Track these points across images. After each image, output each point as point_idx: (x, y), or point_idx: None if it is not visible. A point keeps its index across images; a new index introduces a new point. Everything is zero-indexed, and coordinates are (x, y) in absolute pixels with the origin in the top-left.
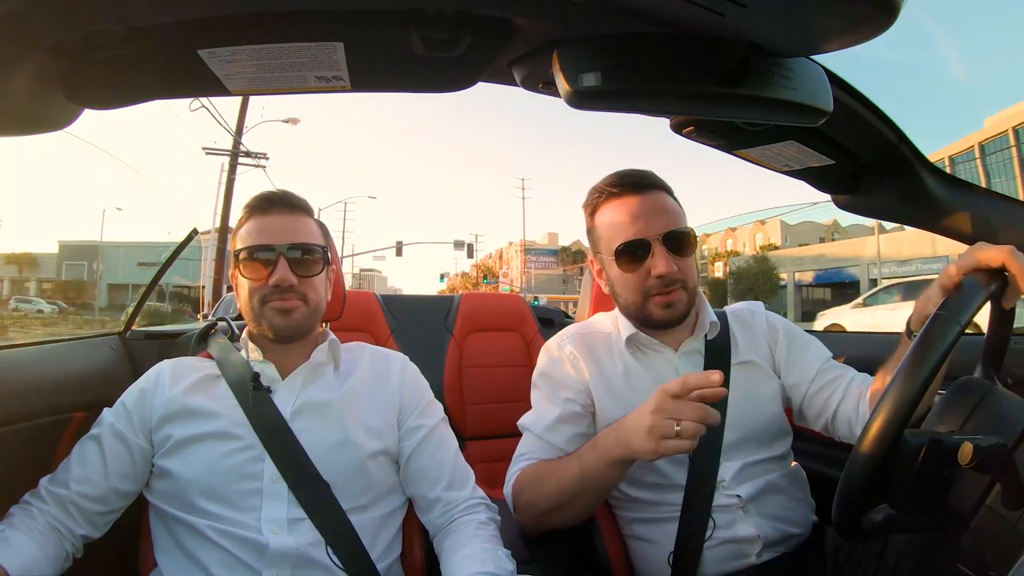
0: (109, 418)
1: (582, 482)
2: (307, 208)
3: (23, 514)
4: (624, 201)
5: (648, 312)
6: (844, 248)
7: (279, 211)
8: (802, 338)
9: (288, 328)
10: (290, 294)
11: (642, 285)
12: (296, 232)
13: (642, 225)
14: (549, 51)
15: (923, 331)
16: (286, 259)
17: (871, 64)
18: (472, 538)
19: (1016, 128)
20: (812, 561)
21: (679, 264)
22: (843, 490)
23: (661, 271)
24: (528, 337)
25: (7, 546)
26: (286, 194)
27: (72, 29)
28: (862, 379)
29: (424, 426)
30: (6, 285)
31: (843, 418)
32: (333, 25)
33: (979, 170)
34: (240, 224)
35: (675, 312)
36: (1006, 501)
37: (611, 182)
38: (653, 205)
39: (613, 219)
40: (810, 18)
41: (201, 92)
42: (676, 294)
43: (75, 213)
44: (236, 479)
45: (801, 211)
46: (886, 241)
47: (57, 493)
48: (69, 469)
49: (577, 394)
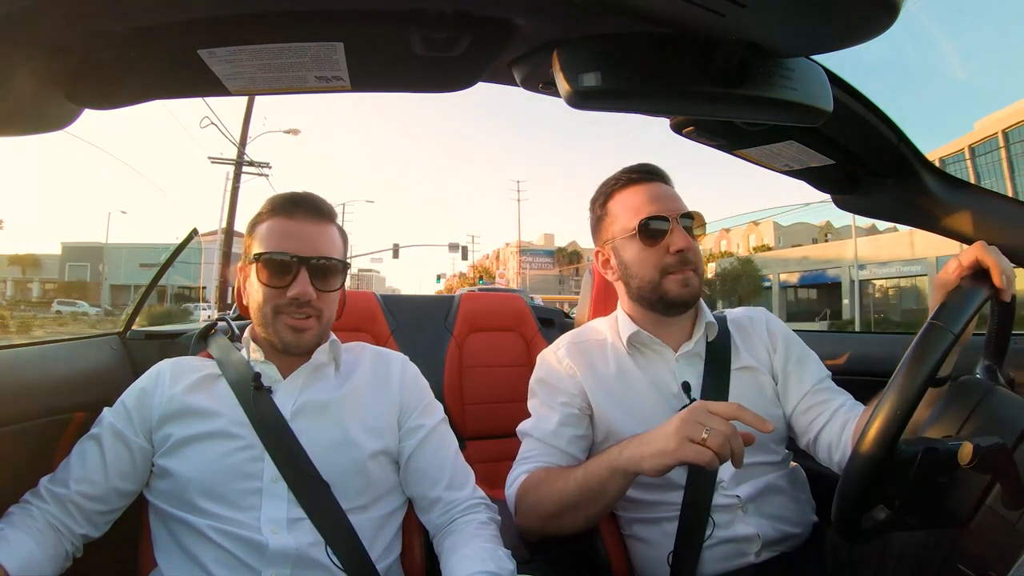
0: (109, 418)
1: (583, 490)
2: (332, 215)
3: (22, 513)
4: (642, 187)
5: (665, 290)
6: (827, 250)
7: (305, 216)
8: (800, 351)
9: (298, 346)
10: (306, 309)
11: (660, 262)
12: (321, 242)
13: (661, 205)
14: (549, 51)
15: (916, 340)
16: (308, 271)
17: (871, 64)
18: (472, 538)
19: (1005, 131)
20: (812, 561)
21: (692, 246)
22: (841, 497)
23: (680, 246)
24: (528, 337)
25: (5, 544)
26: (313, 198)
27: (72, 29)
28: (851, 405)
29: (424, 426)
30: (10, 286)
31: (824, 442)
32: (333, 25)
33: (969, 172)
34: (260, 219)
35: (691, 291)
36: (1006, 501)
37: (628, 170)
38: (667, 192)
39: (632, 202)
40: (810, 18)
41: (201, 92)
42: (690, 273)
43: (79, 215)
44: (236, 478)
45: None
46: (867, 243)
47: (57, 492)
48: (69, 468)
49: (573, 398)
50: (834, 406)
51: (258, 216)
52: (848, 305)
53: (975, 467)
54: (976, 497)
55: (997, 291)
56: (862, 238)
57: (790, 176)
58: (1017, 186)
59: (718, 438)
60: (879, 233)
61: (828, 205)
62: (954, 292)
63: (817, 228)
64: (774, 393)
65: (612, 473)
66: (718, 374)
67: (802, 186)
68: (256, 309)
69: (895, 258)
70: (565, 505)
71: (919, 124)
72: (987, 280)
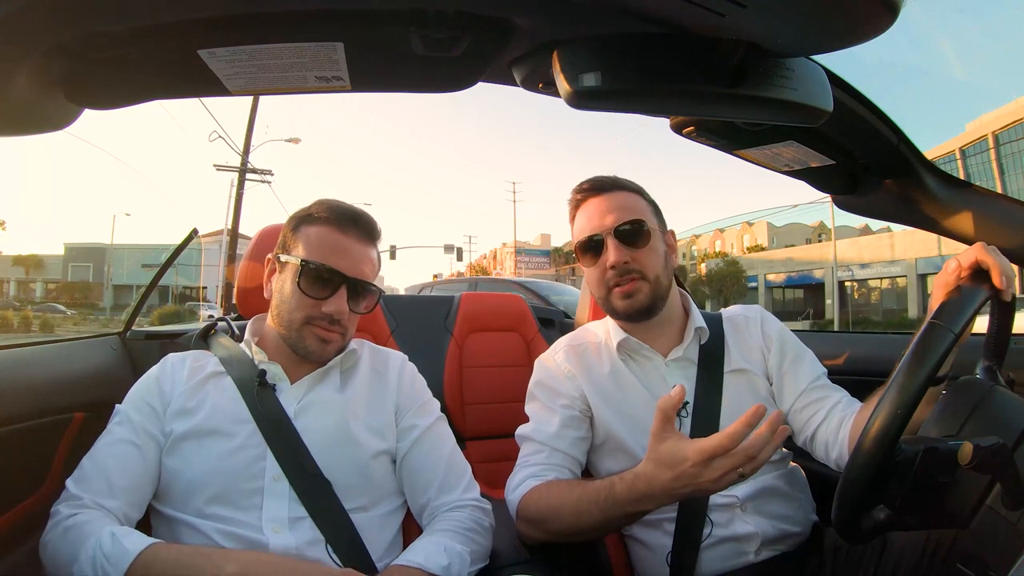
0: (136, 416)
1: (600, 523)
2: (379, 238)
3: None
4: (586, 204)
5: (612, 305)
6: (811, 252)
7: (357, 235)
8: (796, 350)
9: (321, 356)
10: (336, 325)
11: (602, 278)
12: (365, 265)
13: (596, 223)
14: (549, 51)
15: (917, 340)
16: (347, 291)
17: (871, 64)
18: (431, 532)
19: (995, 133)
20: (811, 560)
21: (633, 255)
22: (841, 497)
23: (611, 261)
24: (528, 337)
25: (136, 535)
26: (369, 219)
27: (72, 29)
28: (848, 403)
29: (418, 426)
30: (12, 286)
31: (821, 439)
32: (333, 25)
33: (960, 174)
34: (311, 221)
35: (635, 302)
36: (1006, 501)
37: (576, 190)
38: (608, 204)
39: (578, 223)
40: (810, 18)
41: (201, 92)
42: (634, 284)
43: (82, 216)
44: (238, 477)
45: (788, 213)
46: (849, 245)
47: (110, 505)
48: (110, 477)
49: (573, 400)
50: (830, 403)
51: (308, 216)
52: (831, 305)
53: (975, 467)
54: (976, 497)
55: (997, 291)
56: (844, 240)
57: (790, 176)
58: (1007, 188)
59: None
60: (870, 234)
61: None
62: (954, 292)
63: (810, 228)
64: (768, 394)
65: (631, 516)
66: (711, 378)
67: (798, 186)
68: (285, 311)
69: (877, 259)
70: (575, 528)
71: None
72: (987, 280)
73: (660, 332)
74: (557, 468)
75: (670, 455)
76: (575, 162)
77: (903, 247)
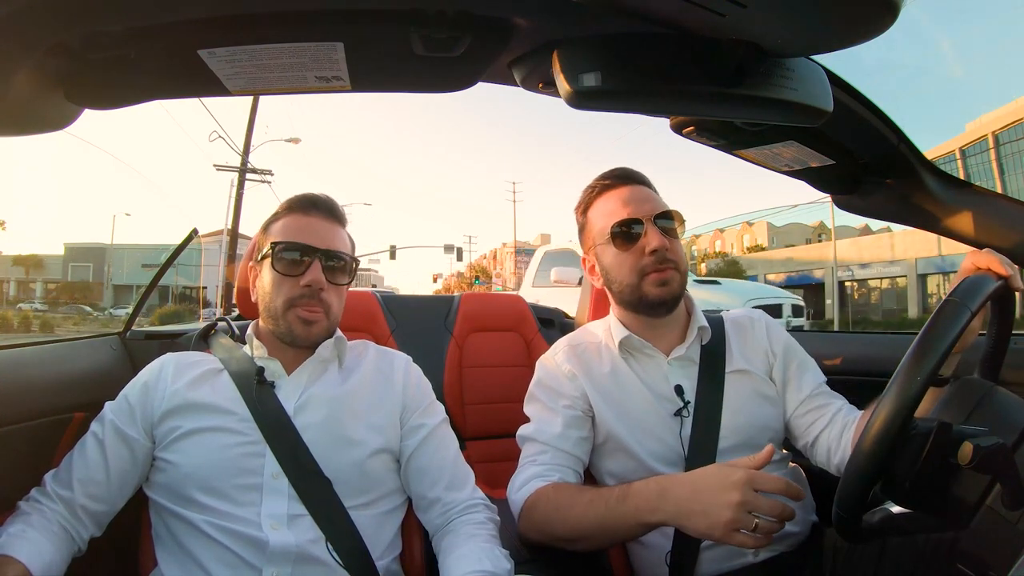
0: (110, 415)
1: (603, 531)
2: (344, 219)
3: (39, 514)
4: (616, 191)
5: (644, 292)
6: (811, 252)
7: (320, 215)
8: (800, 358)
9: (307, 339)
10: (316, 302)
11: (637, 264)
12: (334, 239)
13: (634, 208)
14: (549, 51)
15: (933, 316)
16: (321, 263)
17: (871, 64)
18: (470, 537)
19: (995, 133)
20: (811, 560)
21: (671, 244)
22: (841, 496)
23: (655, 246)
24: (528, 337)
25: (30, 546)
26: (329, 200)
27: (72, 29)
28: (848, 410)
29: (425, 426)
30: (12, 286)
31: (823, 445)
32: (333, 25)
33: (960, 174)
34: (276, 218)
35: (671, 290)
36: (1006, 501)
37: (602, 177)
38: (642, 194)
39: (607, 208)
40: (810, 18)
41: (201, 92)
42: (670, 272)
43: (82, 216)
44: (234, 473)
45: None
46: (848, 245)
47: (64, 495)
48: (72, 469)
49: (575, 400)
50: (832, 410)
51: (274, 215)
52: (831, 305)
53: (975, 467)
54: (976, 497)
55: (1007, 280)
56: (844, 240)
57: (790, 176)
58: (1007, 188)
59: (767, 527)
60: (870, 234)
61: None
62: (968, 276)
63: (810, 228)
64: (770, 394)
65: (639, 525)
66: (712, 378)
67: (798, 186)
68: (268, 303)
69: (877, 259)
70: (579, 533)
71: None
72: (1000, 279)
73: (664, 331)
74: (562, 468)
75: (715, 468)
76: (575, 162)
77: (903, 247)
